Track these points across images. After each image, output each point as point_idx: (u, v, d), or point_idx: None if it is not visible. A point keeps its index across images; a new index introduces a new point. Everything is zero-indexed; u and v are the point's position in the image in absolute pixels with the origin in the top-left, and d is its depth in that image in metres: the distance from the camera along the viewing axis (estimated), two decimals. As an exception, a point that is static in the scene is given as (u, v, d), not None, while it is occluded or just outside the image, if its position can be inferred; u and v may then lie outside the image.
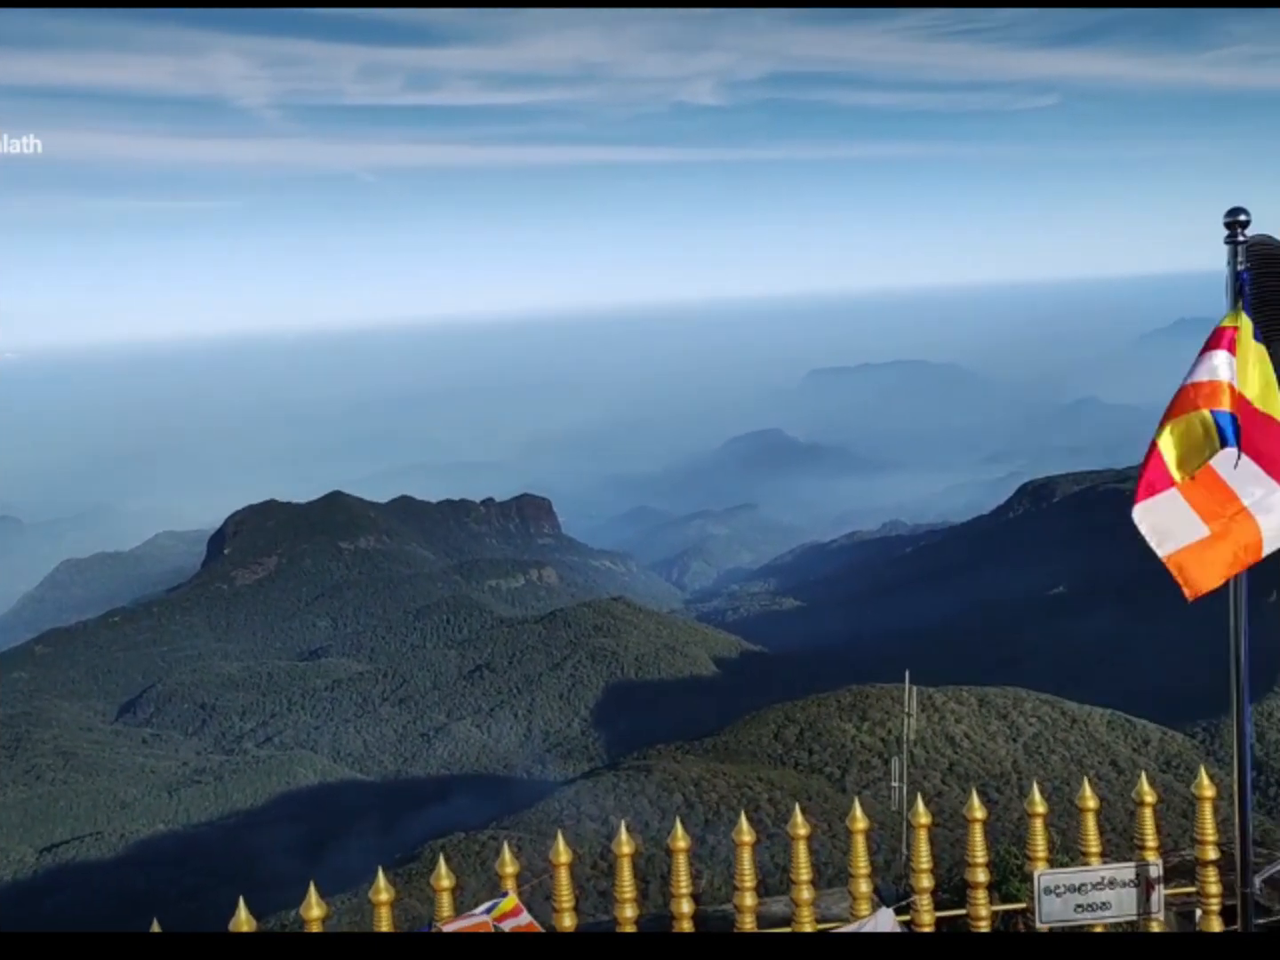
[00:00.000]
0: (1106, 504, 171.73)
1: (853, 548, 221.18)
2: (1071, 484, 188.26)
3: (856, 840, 5.23)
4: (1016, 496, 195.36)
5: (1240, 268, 4.90)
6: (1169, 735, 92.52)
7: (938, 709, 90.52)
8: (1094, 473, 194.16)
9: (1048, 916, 5.25)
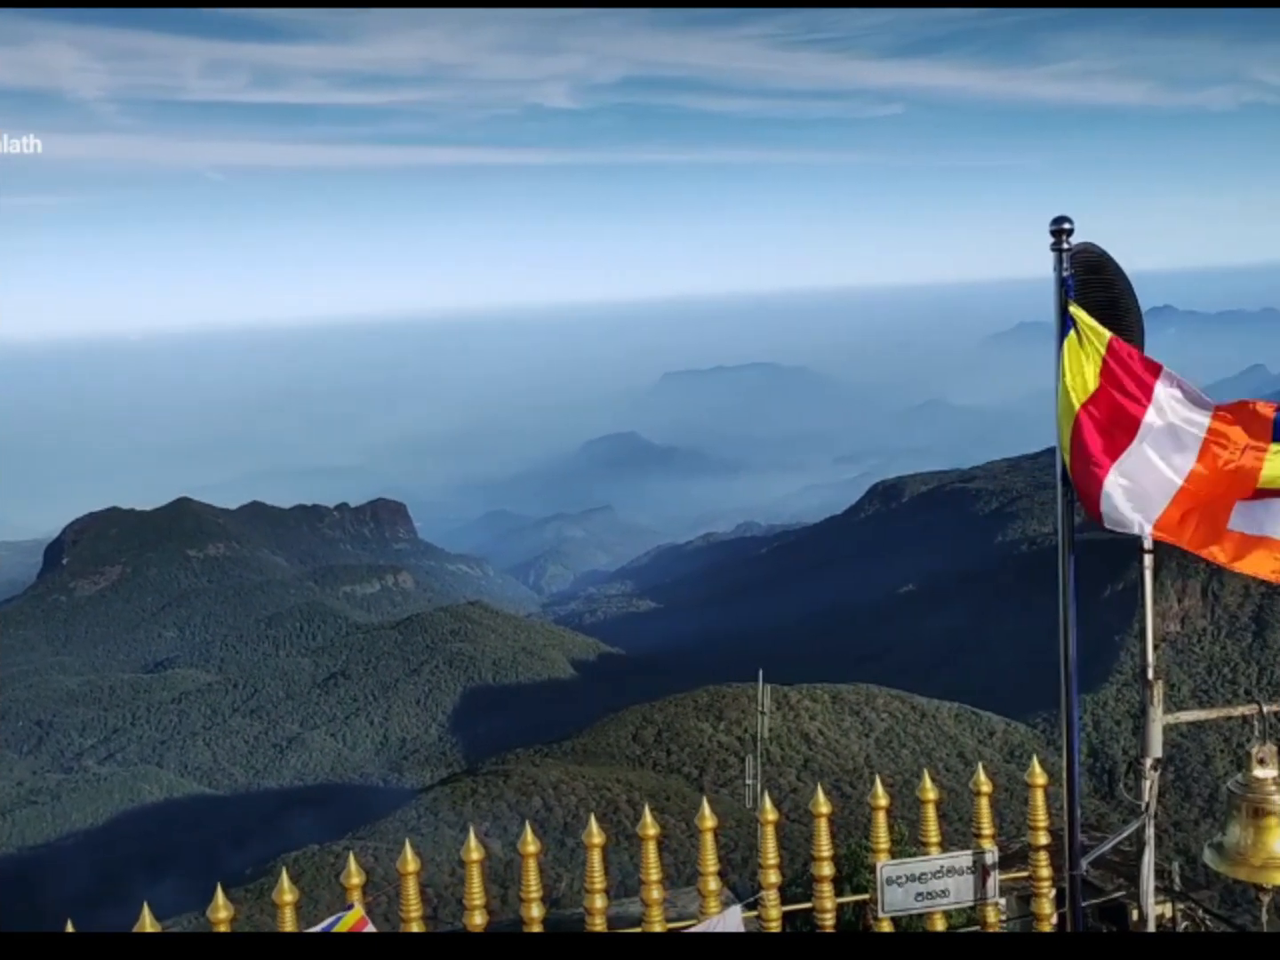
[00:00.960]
0: (954, 503, 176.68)
1: (708, 549, 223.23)
2: (920, 484, 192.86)
3: (705, 839, 5.27)
4: (867, 497, 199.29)
5: (1065, 274, 5.07)
6: (1012, 726, 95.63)
7: (793, 707, 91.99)
8: (941, 472, 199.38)
9: (890, 906, 5.37)
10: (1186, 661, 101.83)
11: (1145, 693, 5.26)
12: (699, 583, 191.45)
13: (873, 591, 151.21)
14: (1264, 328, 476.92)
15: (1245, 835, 5.15)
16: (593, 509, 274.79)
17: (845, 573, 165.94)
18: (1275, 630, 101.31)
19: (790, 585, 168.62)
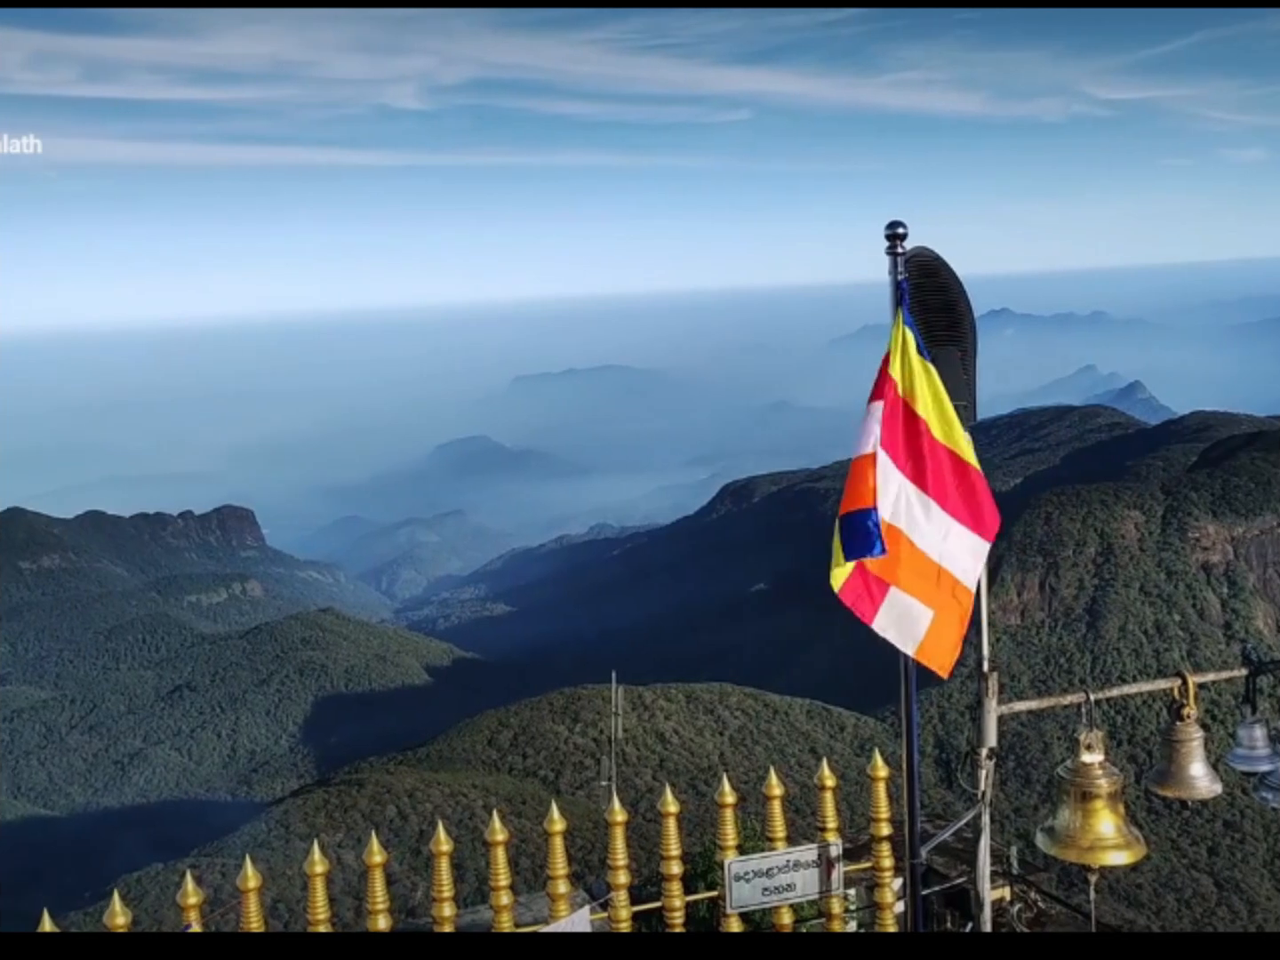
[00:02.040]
0: (803, 502, 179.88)
1: (562, 551, 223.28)
2: (770, 484, 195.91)
3: (554, 842, 5.26)
4: (718, 497, 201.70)
5: (900, 277, 5.18)
6: (862, 720, 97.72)
7: (648, 707, 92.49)
8: (790, 473, 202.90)
9: (737, 902, 5.44)
10: (1026, 653, 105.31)
11: (981, 685, 5.41)
12: (553, 585, 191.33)
13: (725, 590, 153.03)
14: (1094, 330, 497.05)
15: (1074, 818, 5.34)
16: (445, 513, 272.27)
17: (698, 572, 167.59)
18: (1107, 621, 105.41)
19: (644, 586, 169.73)
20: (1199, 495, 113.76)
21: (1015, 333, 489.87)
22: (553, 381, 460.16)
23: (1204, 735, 5.68)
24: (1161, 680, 5.73)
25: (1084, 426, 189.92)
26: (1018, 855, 9.08)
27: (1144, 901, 71.54)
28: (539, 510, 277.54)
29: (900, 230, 5.17)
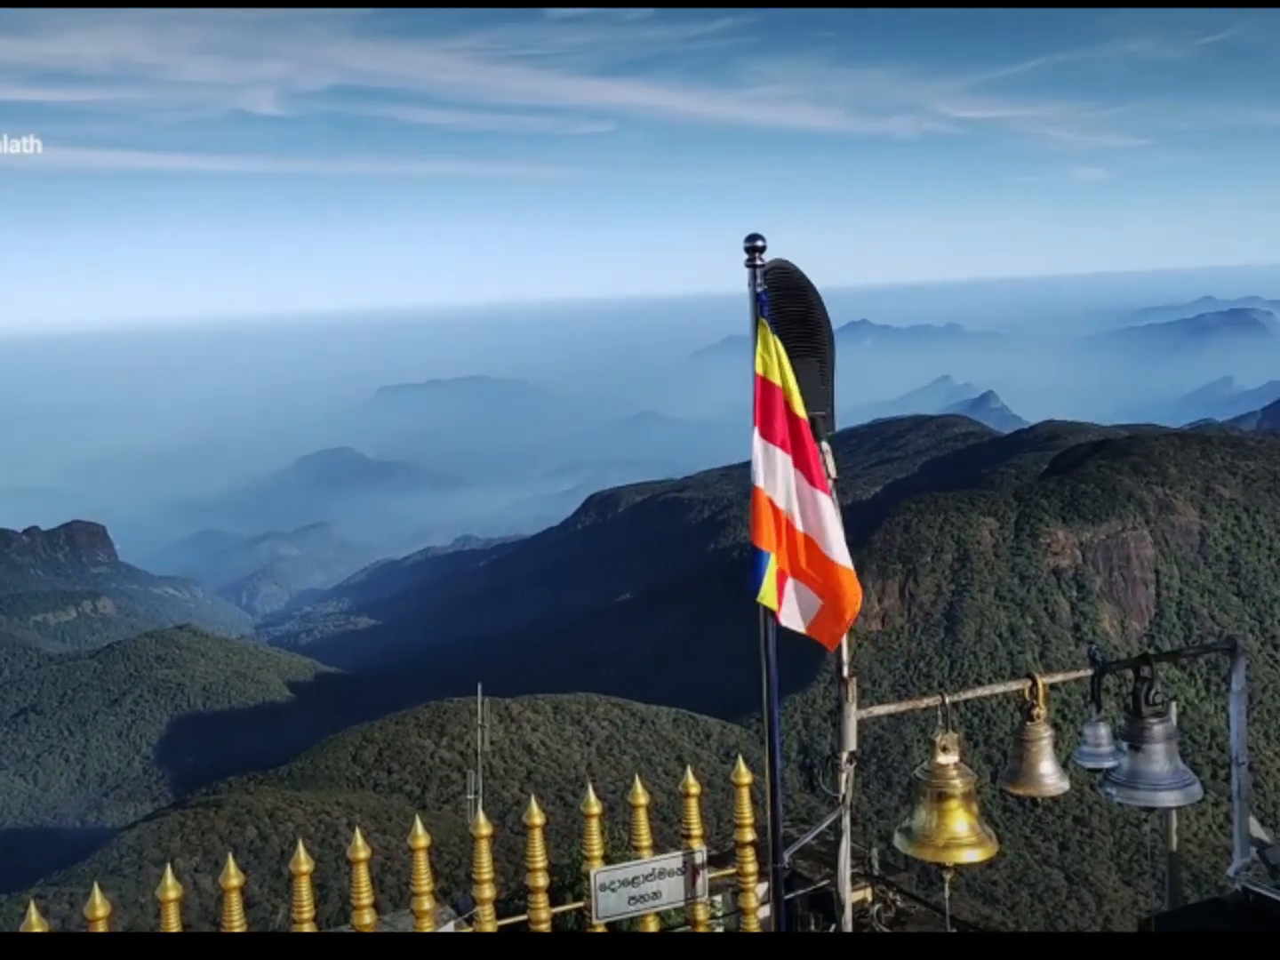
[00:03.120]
0: (668, 512, 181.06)
1: (427, 564, 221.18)
2: (635, 494, 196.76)
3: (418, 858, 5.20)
4: (584, 508, 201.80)
5: (759, 289, 5.25)
6: (728, 728, 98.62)
7: (514, 719, 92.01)
8: (655, 483, 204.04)
9: (604, 912, 5.44)
10: (887, 658, 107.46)
11: (841, 690, 5.51)
12: (418, 598, 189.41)
13: (591, 601, 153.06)
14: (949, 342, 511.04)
15: (930, 818, 5.47)
16: (307, 526, 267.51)
17: (564, 583, 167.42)
18: (964, 625, 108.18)
19: (510, 597, 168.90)
20: (1049, 502, 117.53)
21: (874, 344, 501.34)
22: (417, 392, 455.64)
23: (1054, 734, 5.86)
24: (1013, 682, 5.90)
25: (940, 436, 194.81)
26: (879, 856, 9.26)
27: (999, 897, 73.52)
28: (404, 522, 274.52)
29: (759, 243, 5.25)
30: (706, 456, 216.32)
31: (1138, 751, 5.99)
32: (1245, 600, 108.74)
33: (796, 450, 5.22)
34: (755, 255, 5.24)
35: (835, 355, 5.98)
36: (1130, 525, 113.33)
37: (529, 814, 5.39)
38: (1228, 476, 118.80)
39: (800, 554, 5.25)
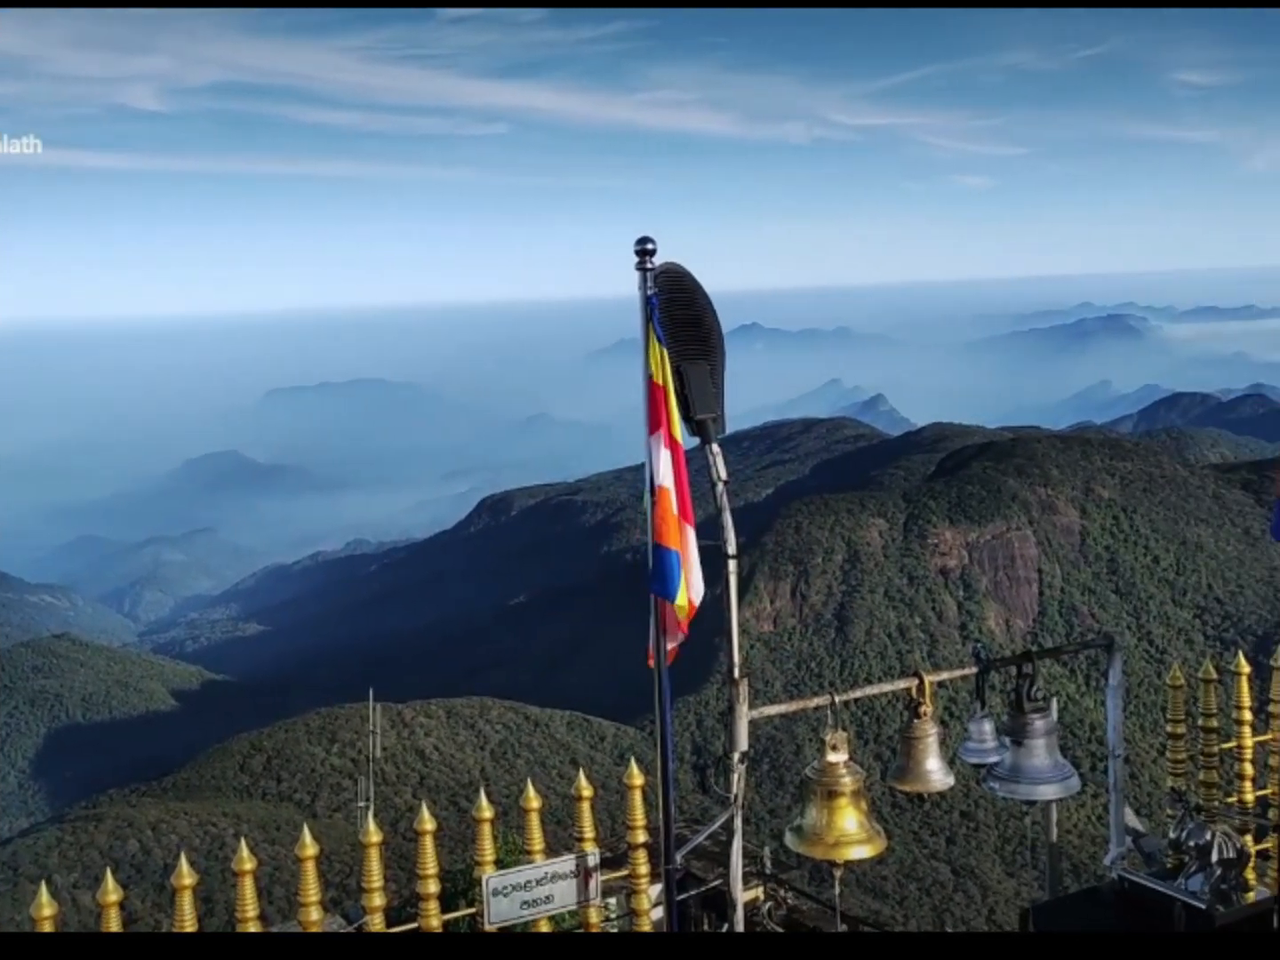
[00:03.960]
0: (561, 515, 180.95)
1: (317, 568, 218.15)
2: (528, 497, 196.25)
3: (305, 868, 5.11)
4: (476, 511, 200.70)
5: (650, 292, 5.27)
6: (622, 730, 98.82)
7: (407, 724, 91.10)
8: (549, 485, 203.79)
9: (496, 917, 5.41)
10: (779, 658, 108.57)
11: (732, 691, 5.55)
12: (309, 603, 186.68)
13: (485, 604, 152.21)
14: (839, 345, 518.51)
15: (820, 816, 5.54)
16: (194, 531, 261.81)
17: (457, 587, 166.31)
18: (855, 625, 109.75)
19: (402, 601, 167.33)
20: (936, 503, 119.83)
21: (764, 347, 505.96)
22: (306, 395, 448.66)
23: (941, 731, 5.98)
24: (900, 681, 6.00)
25: (831, 438, 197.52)
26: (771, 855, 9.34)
27: (889, 892, 74.72)
28: (293, 526, 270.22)
29: (649, 246, 5.26)
30: (599, 459, 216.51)
31: (1020, 746, 6.13)
32: (1123, 598, 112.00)
33: (676, 476, 5.24)
34: (645, 258, 5.25)
35: (725, 358, 6.01)
36: (1014, 525, 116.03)
37: (420, 820, 5.34)
38: (1106, 477, 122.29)
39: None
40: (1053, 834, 6.97)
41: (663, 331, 5.38)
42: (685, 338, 5.72)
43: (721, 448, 5.78)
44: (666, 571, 5.15)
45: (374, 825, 5.27)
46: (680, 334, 5.70)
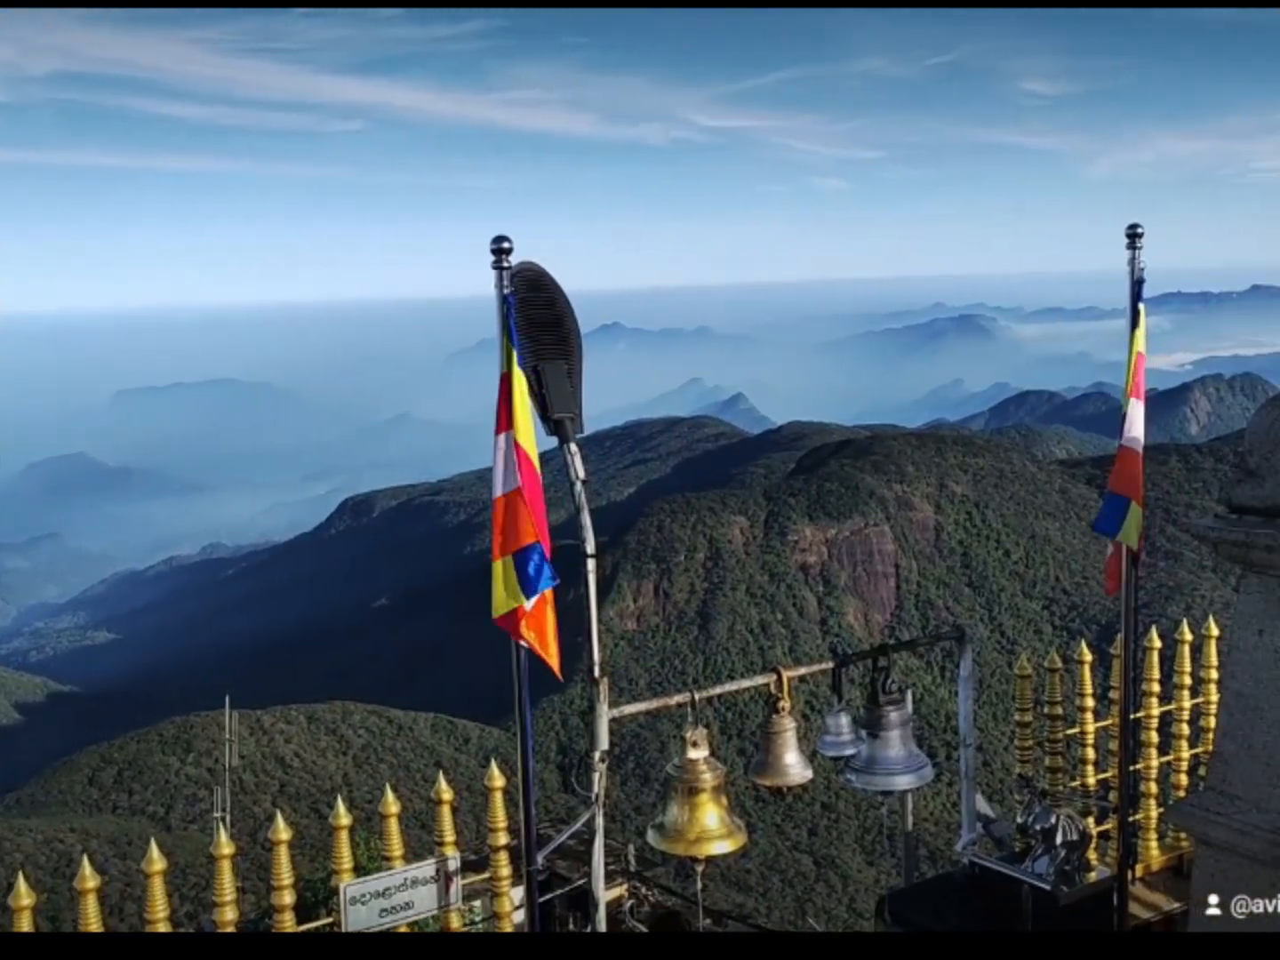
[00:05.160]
0: (424, 515, 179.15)
1: (171, 574, 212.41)
2: (389, 498, 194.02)
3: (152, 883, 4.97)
4: (337, 512, 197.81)
5: (506, 292, 5.24)
6: (487, 731, 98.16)
7: (267, 731, 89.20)
8: (410, 486, 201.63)
9: (354, 926, 5.34)
10: (643, 656, 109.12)
11: (593, 690, 5.55)
12: (162, 610, 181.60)
13: (346, 607, 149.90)
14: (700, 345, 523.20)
15: (682, 813, 5.57)
16: (38, 536, 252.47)
17: (318, 590, 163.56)
18: (717, 622, 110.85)
19: (261, 606, 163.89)
20: (796, 500, 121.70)
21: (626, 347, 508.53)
22: (158, 396, 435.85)
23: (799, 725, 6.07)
24: (759, 677, 6.07)
25: (692, 437, 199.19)
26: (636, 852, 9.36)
27: (752, 885, 75.64)
28: (145, 531, 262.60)
29: (505, 245, 5.23)
30: (462, 459, 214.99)
31: (876, 738, 6.25)
32: (976, 590, 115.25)
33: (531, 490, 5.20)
34: (502, 257, 5.22)
35: (584, 357, 6.01)
36: (872, 522, 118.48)
37: (274, 830, 5.23)
38: (959, 474, 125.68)
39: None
40: (909, 823, 7.12)
41: (520, 331, 5.36)
42: (543, 337, 5.71)
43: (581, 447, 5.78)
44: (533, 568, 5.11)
45: (225, 837, 5.15)
46: (538, 333, 5.68)
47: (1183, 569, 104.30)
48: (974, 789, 6.91)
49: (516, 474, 5.12)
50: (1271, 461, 5.88)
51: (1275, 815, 5.80)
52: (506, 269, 5.25)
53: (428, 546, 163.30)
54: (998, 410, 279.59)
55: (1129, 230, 6.57)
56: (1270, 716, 5.88)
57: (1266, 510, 5.93)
